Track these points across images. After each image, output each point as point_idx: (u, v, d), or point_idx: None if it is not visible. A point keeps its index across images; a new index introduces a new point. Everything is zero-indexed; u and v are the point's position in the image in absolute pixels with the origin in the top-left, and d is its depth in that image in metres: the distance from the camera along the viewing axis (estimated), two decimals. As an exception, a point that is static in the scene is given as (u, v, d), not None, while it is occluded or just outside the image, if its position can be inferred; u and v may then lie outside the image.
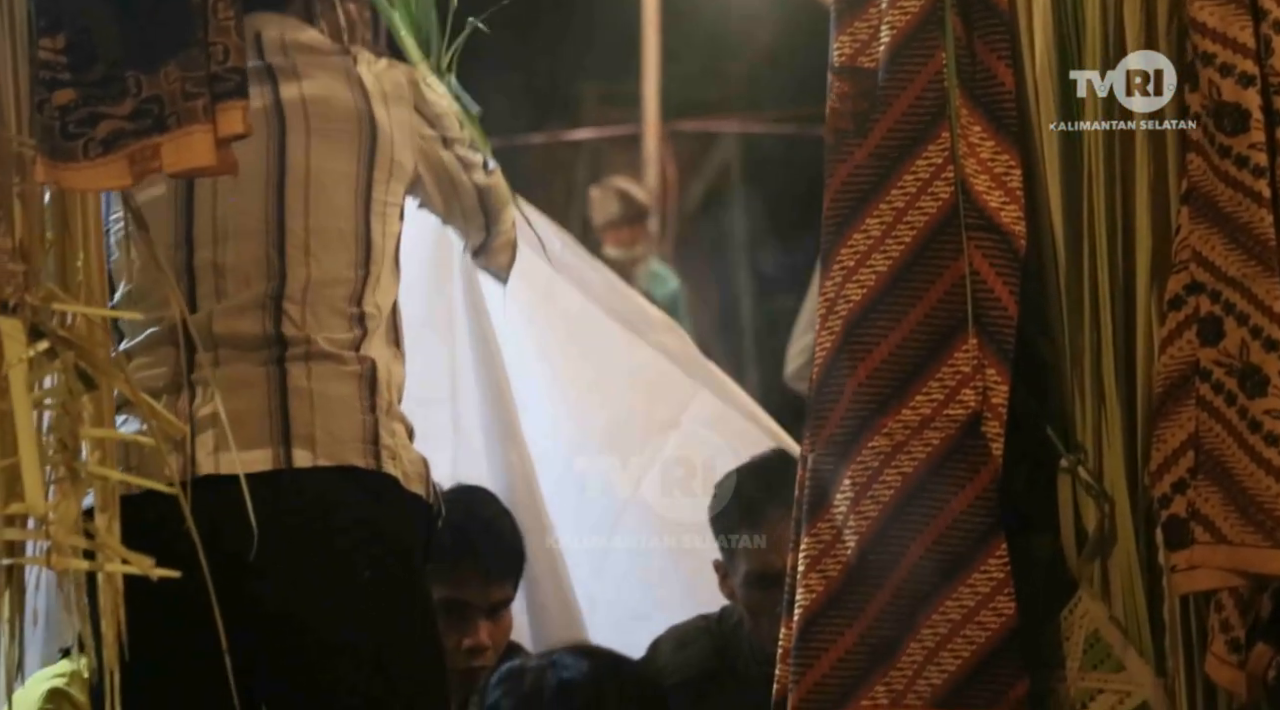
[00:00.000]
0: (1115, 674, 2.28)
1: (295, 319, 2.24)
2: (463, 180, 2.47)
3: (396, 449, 2.24)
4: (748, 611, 2.91)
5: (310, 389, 2.22)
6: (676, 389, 3.04)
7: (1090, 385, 2.31)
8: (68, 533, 1.74)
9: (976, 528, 2.30)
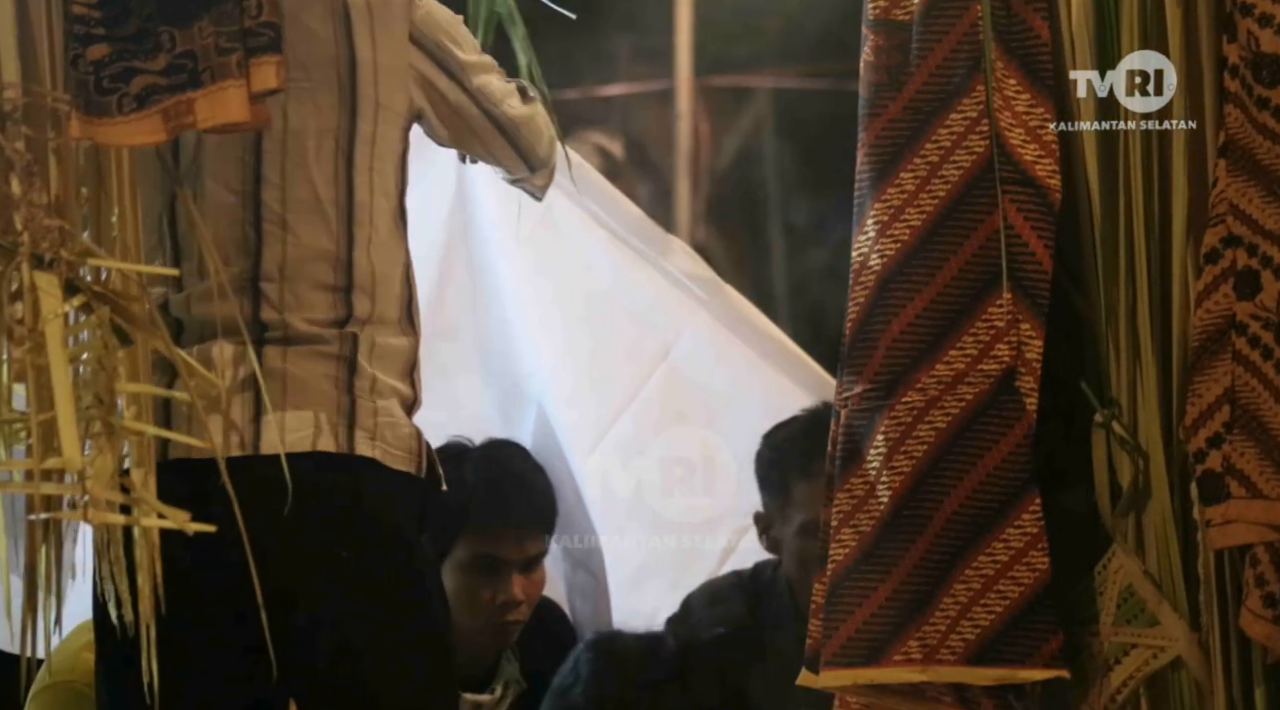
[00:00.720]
0: (1149, 629, 2.28)
1: (274, 300, 2.17)
2: (475, 115, 2.34)
3: (377, 428, 2.15)
4: (799, 562, 2.89)
5: (284, 370, 2.15)
6: (671, 316, 2.97)
7: (1125, 340, 2.30)
8: (104, 487, 1.75)
9: (1010, 483, 2.30)
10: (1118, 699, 2.29)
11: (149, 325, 1.82)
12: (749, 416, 3.03)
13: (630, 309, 2.94)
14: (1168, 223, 2.28)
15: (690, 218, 7.13)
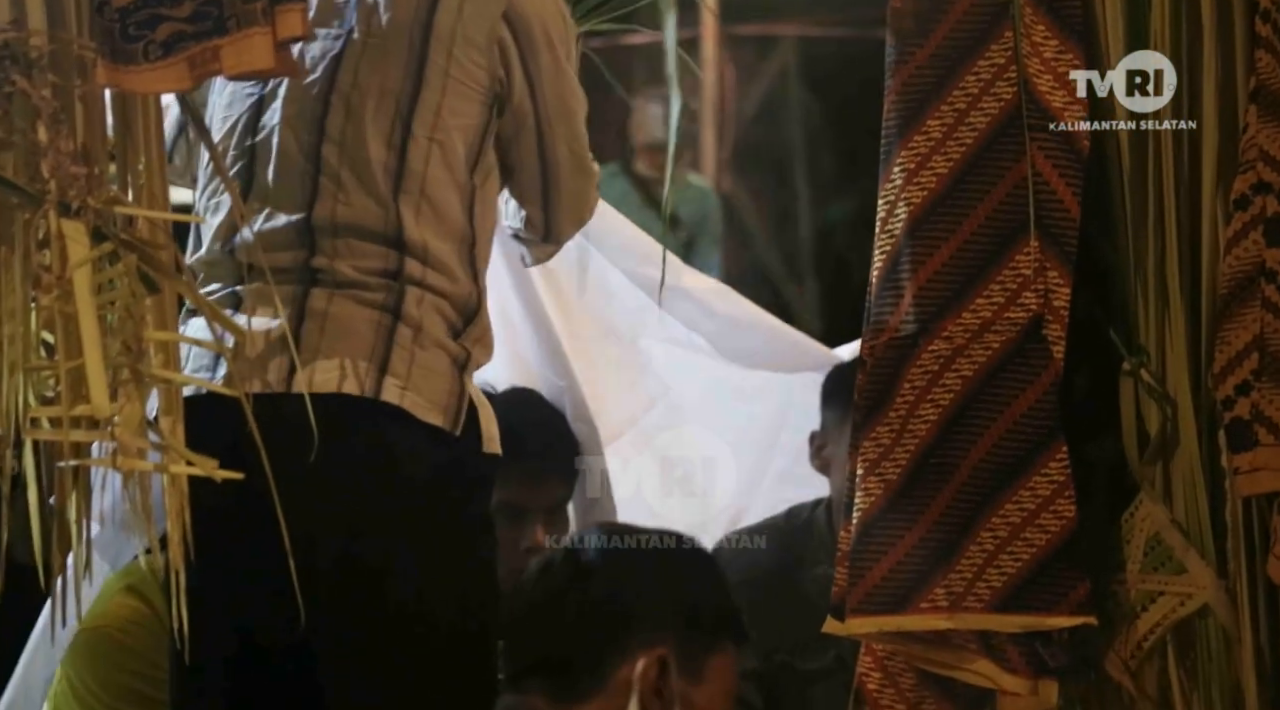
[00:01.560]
0: (1176, 576, 2.28)
1: (325, 249, 2.17)
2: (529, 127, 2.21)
3: (410, 377, 2.13)
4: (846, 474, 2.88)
5: (326, 312, 2.15)
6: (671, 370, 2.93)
7: (1154, 287, 2.29)
8: (133, 434, 1.76)
9: (1037, 431, 2.30)
10: (1144, 646, 2.30)
11: (176, 273, 1.82)
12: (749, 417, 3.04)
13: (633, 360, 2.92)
14: (1197, 169, 2.27)
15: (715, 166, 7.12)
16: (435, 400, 2.15)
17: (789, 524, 2.95)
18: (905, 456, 2.34)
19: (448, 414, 2.16)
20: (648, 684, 1.73)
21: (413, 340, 2.16)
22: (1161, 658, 2.30)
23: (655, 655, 1.74)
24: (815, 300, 7.08)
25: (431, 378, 2.17)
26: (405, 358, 2.14)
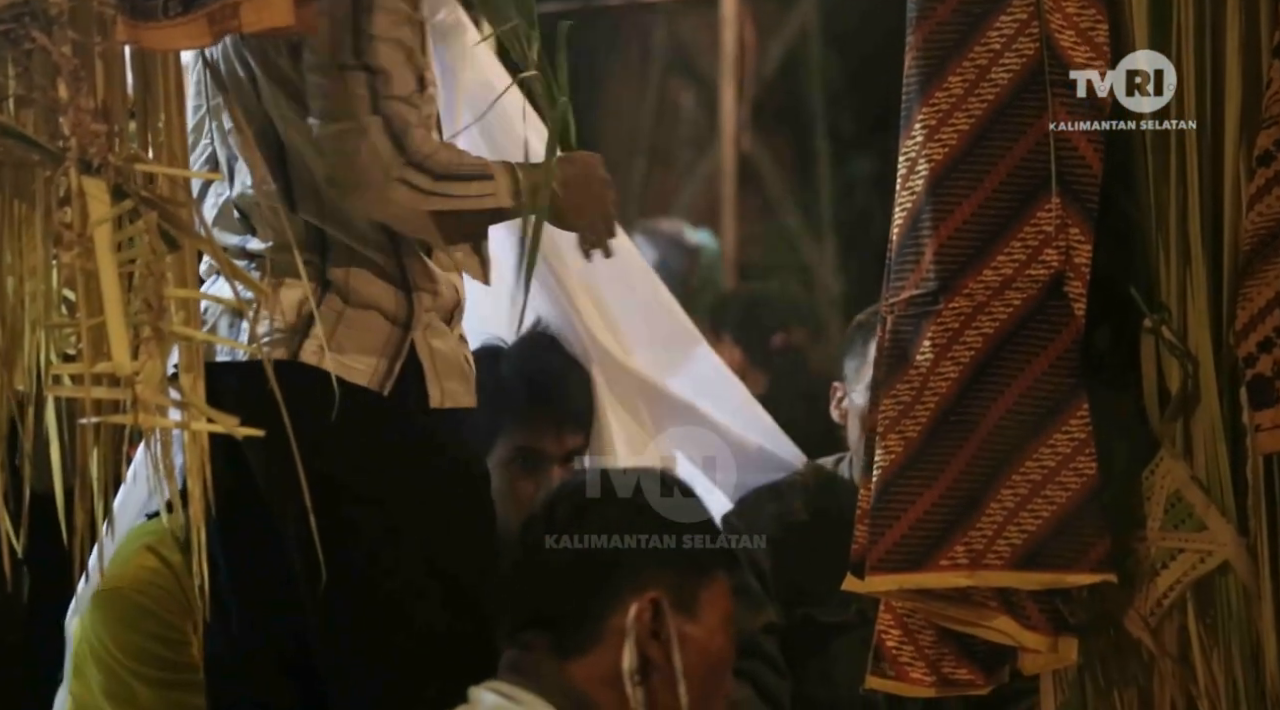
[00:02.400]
0: (1196, 533, 2.27)
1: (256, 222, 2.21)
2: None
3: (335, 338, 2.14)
4: (862, 423, 2.88)
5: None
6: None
7: (1175, 243, 2.28)
8: (154, 392, 1.76)
9: (1058, 388, 2.29)
10: (1164, 603, 2.29)
11: (196, 230, 1.82)
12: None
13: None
14: (1219, 125, 2.26)
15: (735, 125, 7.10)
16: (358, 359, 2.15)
17: (812, 478, 2.95)
18: (926, 414, 2.34)
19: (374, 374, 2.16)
20: (643, 627, 1.73)
21: (341, 302, 2.15)
22: (1181, 615, 2.30)
23: (647, 598, 1.74)
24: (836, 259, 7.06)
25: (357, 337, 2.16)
26: (330, 319, 2.14)
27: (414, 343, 2.17)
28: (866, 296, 3.10)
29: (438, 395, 2.17)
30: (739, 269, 6.80)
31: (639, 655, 1.73)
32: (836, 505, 2.92)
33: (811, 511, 2.92)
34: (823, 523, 2.90)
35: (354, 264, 2.17)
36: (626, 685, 1.72)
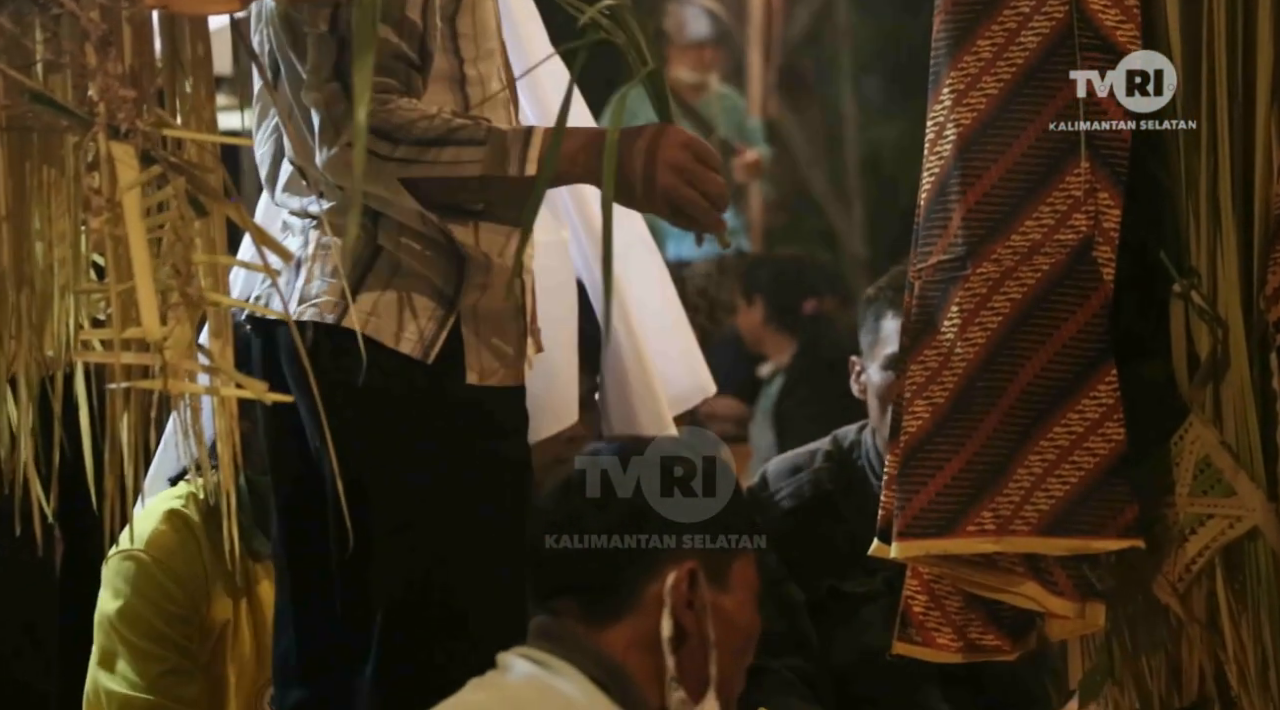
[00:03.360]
0: (1225, 499, 2.27)
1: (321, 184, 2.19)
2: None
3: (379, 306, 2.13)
4: (879, 398, 2.87)
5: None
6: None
7: (1206, 208, 2.27)
8: (183, 357, 1.76)
9: (1086, 353, 2.29)
10: (1193, 569, 2.29)
11: (224, 196, 1.82)
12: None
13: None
14: (1251, 88, 2.24)
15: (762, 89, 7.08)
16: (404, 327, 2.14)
17: (835, 448, 2.94)
18: (953, 380, 2.33)
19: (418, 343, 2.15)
20: (679, 597, 1.74)
21: (391, 268, 2.14)
22: (1210, 580, 2.30)
23: (685, 568, 1.74)
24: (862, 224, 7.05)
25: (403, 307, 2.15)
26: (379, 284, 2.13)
27: (460, 315, 2.16)
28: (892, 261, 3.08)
29: (476, 371, 2.16)
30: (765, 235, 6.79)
31: (675, 624, 1.73)
32: (860, 474, 2.92)
33: (834, 481, 2.91)
34: (846, 492, 2.90)
35: (404, 233, 2.15)
36: (665, 653, 1.73)
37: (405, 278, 2.15)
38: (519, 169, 2.05)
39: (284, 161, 2.23)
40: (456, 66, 2.15)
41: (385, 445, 2.12)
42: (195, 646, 2.56)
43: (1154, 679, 2.39)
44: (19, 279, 1.84)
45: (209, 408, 1.93)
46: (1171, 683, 2.37)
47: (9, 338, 1.85)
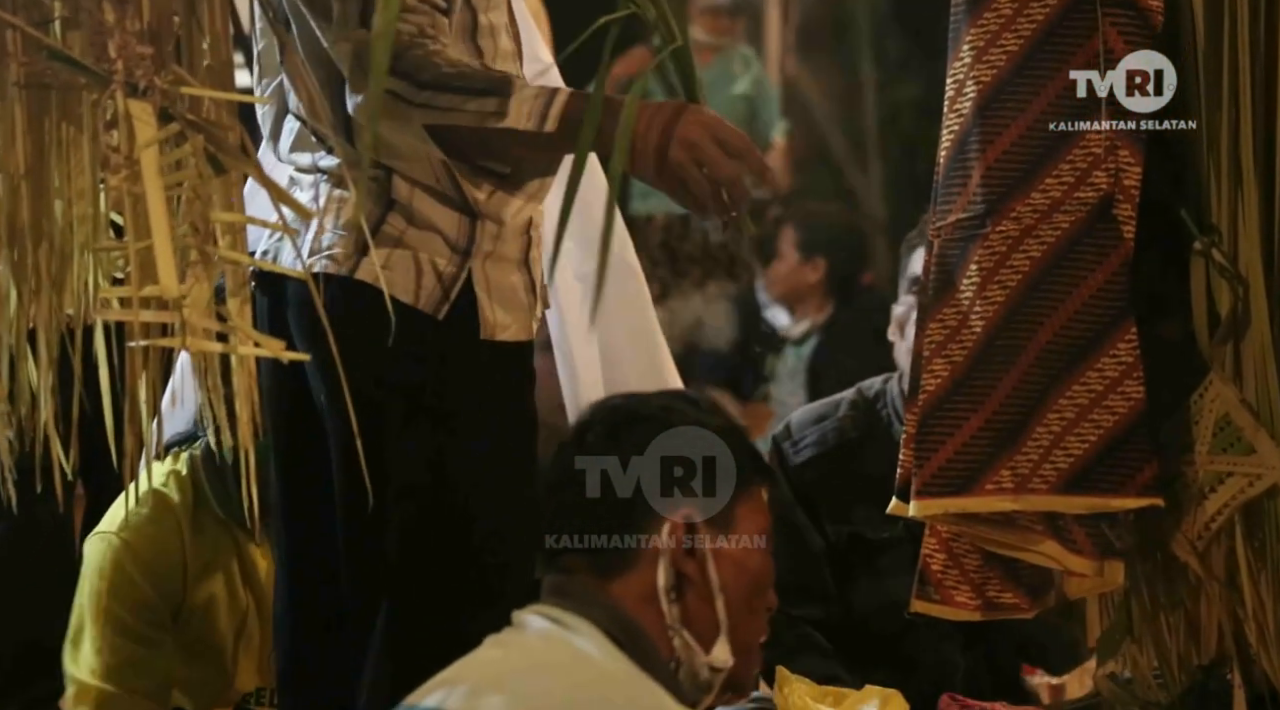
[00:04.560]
0: (1245, 457, 2.26)
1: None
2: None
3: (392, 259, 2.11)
4: (898, 327, 2.87)
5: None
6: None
7: (1227, 166, 2.26)
8: (201, 315, 1.77)
9: (1106, 312, 2.28)
10: (1212, 527, 2.29)
11: (242, 154, 1.82)
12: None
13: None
14: (1273, 44, 2.23)
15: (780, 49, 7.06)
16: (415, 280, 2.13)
17: (859, 398, 2.95)
18: (972, 338, 2.33)
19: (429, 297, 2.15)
20: (677, 545, 1.74)
21: (404, 222, 2.13)
22: (1229, 538, 2.30)
23: (680, 516, 1.74)
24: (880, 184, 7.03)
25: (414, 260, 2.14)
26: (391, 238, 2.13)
27: (472, 270, 2.16)
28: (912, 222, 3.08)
29: (489, 325, 2.15)
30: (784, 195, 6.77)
31: (674, 572, 1.74)
32: (884, 421, 2.92)
33: (858, 429, 2.91)
34: (870, 440, 2.90)
35: (418, 187, 2.14)
36: (662, 602, 1.73)
37: (418, 232, 2.14)
38: (540, 124, 2.03)
39: (287, 118, 2.22)
40: (469, 16, 2.14)
41: (396, 400, 2.12)
42: (164, 634, 2.54)
43: (1173, 637, 2.39)
44: (38, 236, 1.84)
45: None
46: (1190, 640, 2.37)
47: (29, 295, 1.85)
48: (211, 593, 2.58)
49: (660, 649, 1.72)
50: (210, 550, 2.57)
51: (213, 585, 2.58)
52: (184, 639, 2.57)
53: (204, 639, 2.57)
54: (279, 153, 2.23)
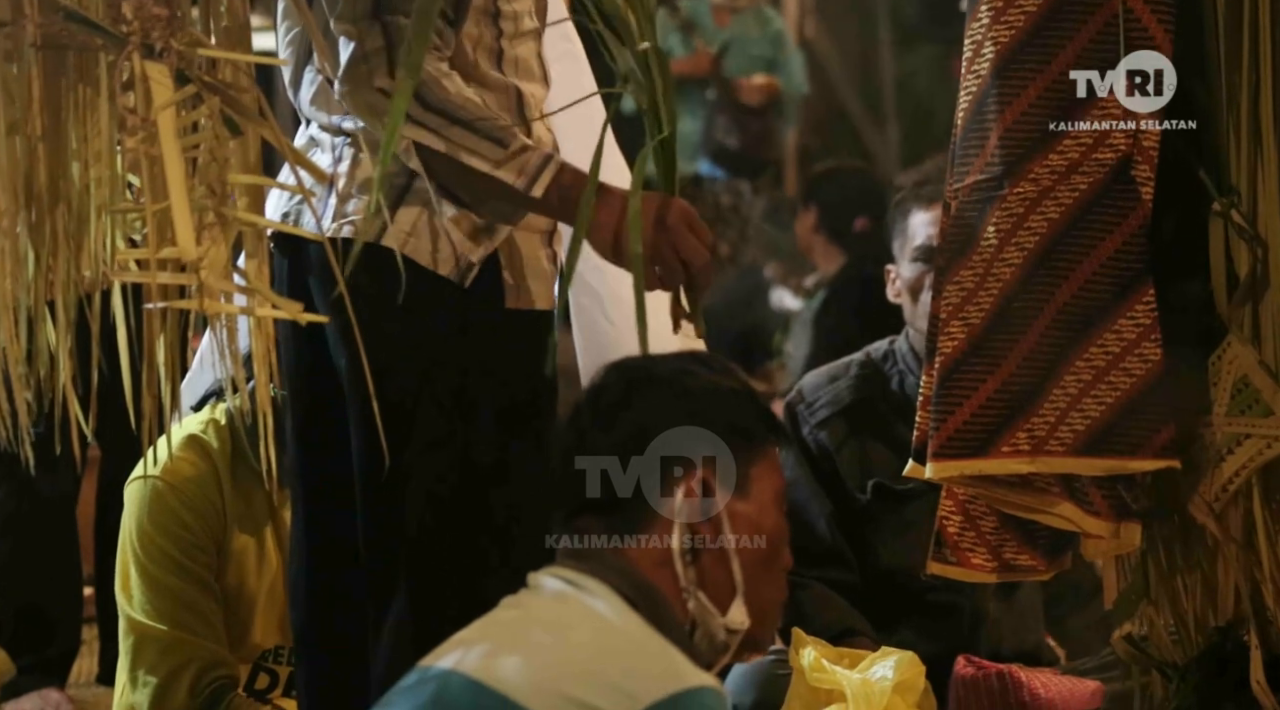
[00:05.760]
0: (1263, 419, 2.26)
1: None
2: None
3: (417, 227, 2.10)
4: (911, 294, 2.87)
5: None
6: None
7: (1246, 126, 2.25)
8: (218, 277, 1.77)
9: (1124, 273, 2.27)
10: (1230, 488, 2.28)
11: (259, 116, 1.82)
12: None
13: None
14: (1294, 4, 2.22)
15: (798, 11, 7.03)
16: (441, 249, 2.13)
17: (867, 359, 2.95)
18: (989, 300, 2.32)
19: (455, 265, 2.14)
20: (691, 507, 1.74)
21: (431, 191, 2.12)
22: (1246, 500, 2.29)
23: (696, 478, 1.74)
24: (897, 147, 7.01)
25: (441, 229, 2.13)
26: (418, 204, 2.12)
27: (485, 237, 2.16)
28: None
29: (514, 294, 2.16)
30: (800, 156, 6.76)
31: (690, 535, 1.74)
32: (894, 382, 2.92)
33: (870, 388, 2.92)
34: (881, 399, 2.90)
35: None
36: (677, 565, 1.73)
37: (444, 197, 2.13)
38: (528, 187, 2.05)
39: (308, 68, 2.21)
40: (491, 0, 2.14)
41: (419, 366, 2.12)
42: (212, 576, 2.56)
43: (1189, 598, 2.39)
44: (56, 198, 1.83)
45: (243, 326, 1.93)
46: (1207, 602, 2.37)
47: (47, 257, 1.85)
48: (246, 544, 2.59)
49: (676, 611, 1.72)
50: (245, 502, 2.58)
51: (248, 537, 2.60)
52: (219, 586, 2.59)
53: (234, 589, 2.58)
54: (298, 103, 2.22)
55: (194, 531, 2.55)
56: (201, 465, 2.57)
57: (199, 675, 2.51)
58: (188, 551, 2.55)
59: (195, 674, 2.51)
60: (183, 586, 2.54)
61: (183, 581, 2.54)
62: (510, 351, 2.16)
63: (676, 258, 2.09)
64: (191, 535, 2.55)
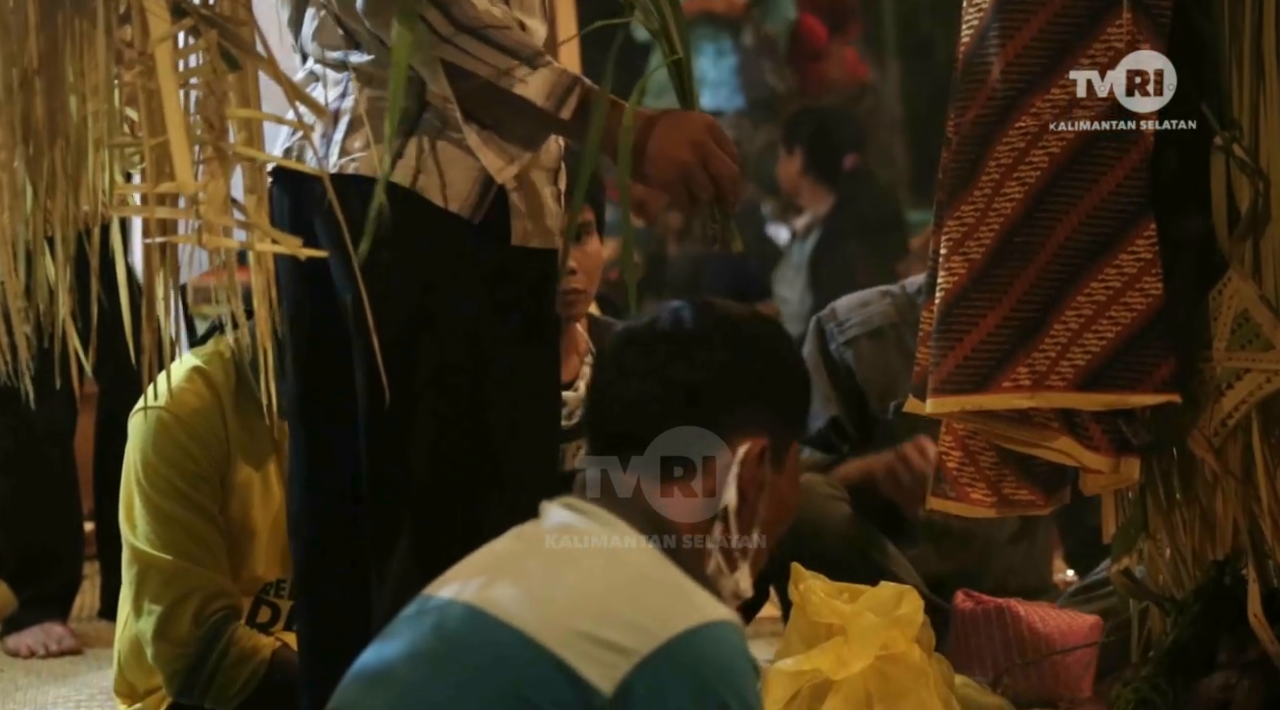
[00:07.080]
0: (1263, 353, 2.26)
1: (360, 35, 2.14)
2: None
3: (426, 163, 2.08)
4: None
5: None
6: None
7: (1249, 60, 2.24)
8: (218, 212, 1.76)
9: (1125, 208, 2.27)
10: (1229, 423, 2.29)
11: (256, 50, 1.81)
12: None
13: None
14: (1297, -63, 2.21)
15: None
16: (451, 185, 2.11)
17: (900, 290, 2.99)
18: (990, 235, 2.32)
19: (464, 201, 2.13)
20: (748, 470, 1.73)
21: (439, 126, 2.12)
22: (1246, 434, 2.30)
23: (760, 444, 1.73)
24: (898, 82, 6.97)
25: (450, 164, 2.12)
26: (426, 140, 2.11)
27: None
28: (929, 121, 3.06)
29: (521, 231, 2.15)
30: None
31: (739, 495, 1.74)
32: None
33: (900, 316, 2.94)
34: (909, 328, 2.92)
35: None
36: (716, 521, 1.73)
37: (452, 136, 2.13)
38: (556, 108, 2.05)
39: (308, 4, 2.20)
40: None
41: (428, 303, 2.12)
42: (216, 507, 2.56)
43: (1188, 532, 2.40)
44: (53, 133, 1.82)
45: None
46: (1205, 536, 2.38)
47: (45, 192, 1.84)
48: (250, 477, 2.59)
49: (692, 561, 1.72)
50: (249, 435, 2.58)
51: (251, 470, 2.59)
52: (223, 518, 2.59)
53: (238, 522, 2.58)
54: (300, 42, 2.21)
55: (198, 462, 2.55)
56: (206, 397, 2.57)
57: (203, 605, 2.51)
58: (192, 482, 2.55)
59: (199, 603, 2.51)
60: (187, 516, 2.54)
61: (187, 512, 2.55)
62: (518, 289, 2.15)
63: (706, 174, 2.08)
64: (196, 466, 2.55)
